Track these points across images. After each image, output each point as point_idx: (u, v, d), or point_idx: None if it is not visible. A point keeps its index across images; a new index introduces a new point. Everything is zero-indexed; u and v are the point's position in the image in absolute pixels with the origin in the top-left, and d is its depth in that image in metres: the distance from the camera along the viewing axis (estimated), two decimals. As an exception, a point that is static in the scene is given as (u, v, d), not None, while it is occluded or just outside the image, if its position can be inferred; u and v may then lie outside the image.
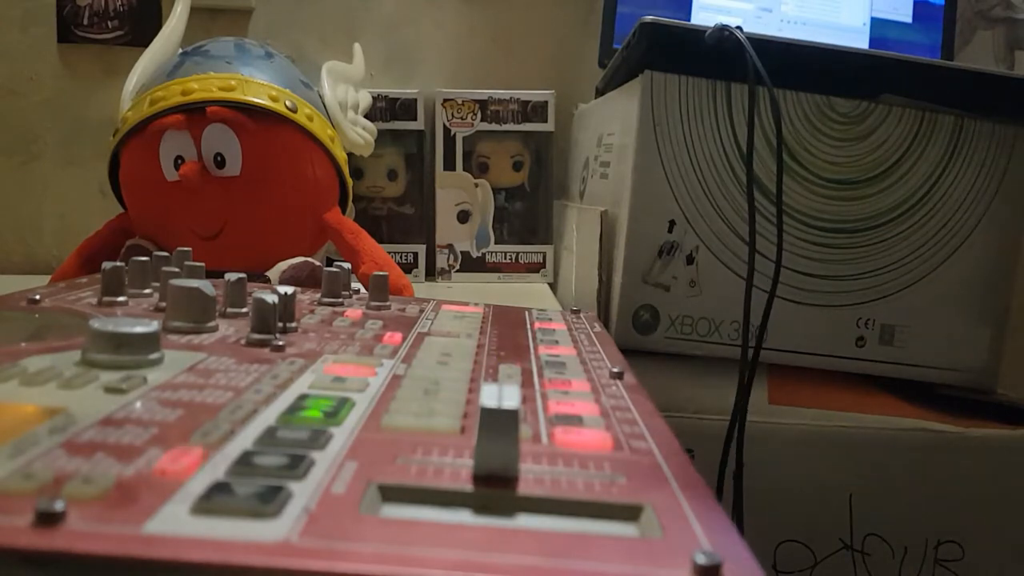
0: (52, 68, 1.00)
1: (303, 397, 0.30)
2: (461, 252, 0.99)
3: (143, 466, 0.23)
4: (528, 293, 0.92)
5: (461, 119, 0.98)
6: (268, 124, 0.71)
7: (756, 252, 0.65)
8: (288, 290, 0.42)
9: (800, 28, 0.95)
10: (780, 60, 0.62)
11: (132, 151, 0.73)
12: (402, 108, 0.98)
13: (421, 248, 0.98)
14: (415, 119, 0.98)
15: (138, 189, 0.74)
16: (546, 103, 0.98)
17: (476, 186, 0.98)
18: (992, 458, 0.65)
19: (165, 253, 0.54)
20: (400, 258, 0.96)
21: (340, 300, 0.51)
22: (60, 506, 0.19)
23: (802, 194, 0.69)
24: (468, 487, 0.23)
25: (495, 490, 0.23)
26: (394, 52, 1.03)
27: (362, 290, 0.61)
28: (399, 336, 0.43)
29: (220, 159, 0.70)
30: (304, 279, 0.67)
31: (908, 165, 0.70)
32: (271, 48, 0.79)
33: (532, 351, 0.42)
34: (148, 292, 0.49)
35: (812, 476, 0.68)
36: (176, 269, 0.48)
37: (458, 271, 0.98)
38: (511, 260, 0.99)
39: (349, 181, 0.80)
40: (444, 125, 0.98)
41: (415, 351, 0.40)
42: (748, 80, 0.61)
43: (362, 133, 0.85)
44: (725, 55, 0.62)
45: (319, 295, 0.52)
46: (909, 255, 0.70)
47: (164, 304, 0.43)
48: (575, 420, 0.30)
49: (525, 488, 0.23)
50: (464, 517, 0.22)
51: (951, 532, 0.67)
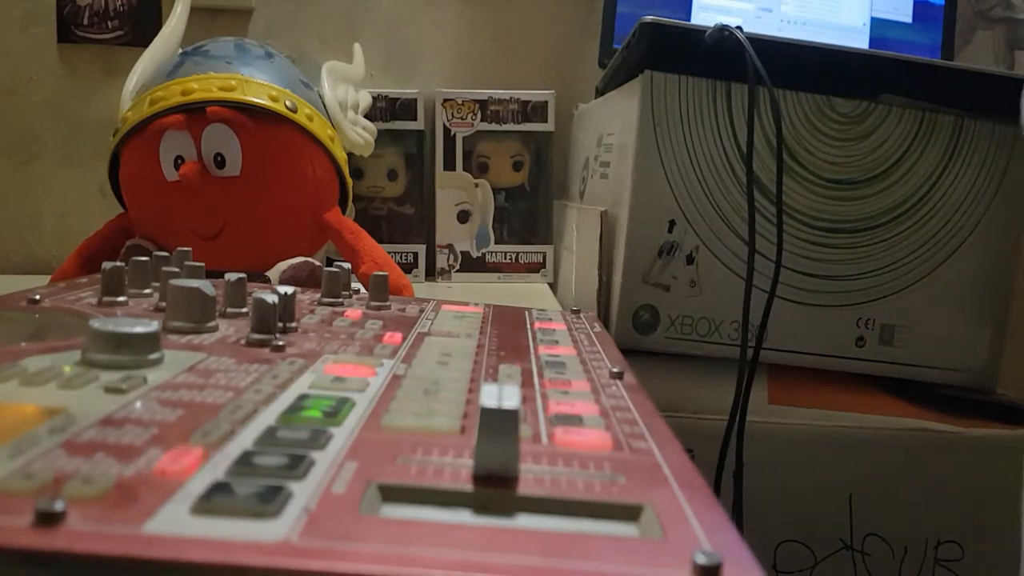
0: (52, 68, 1.00)
1: (303, 397, 0.30)
2: (461, 252, 0.99)
3: (143, 466, 0.23)
4: (528, 293, 0.92)
5: (461, 119, 0.98)
6: (268, 124, 0.71)
7: (758, 253, 0.65)
8: (288, 290, 0.42)
9: (800, 28, 0.95)
10: (780, 60, 0.62)
11: (132, 151, 0.73)
12: (402, 108, 0.98)
13: (421, 248, 0.98)
14: (415, 119, 0.98)
15: (138, 189, 0.74)
16: (546, 103, 0.98)
17: (476, 186, 0.98)
18: (992, 458, 0.65)
19: (165, 253, 0.54)
20: (400, 258, 0.96)
21: (340, 300, 0.51)
22: (60, 506, 0.19)
23: (802, 194, 0.69)
24: (468, 487, 0.23)
25: (495, 490, 0.23)
26: (394, 52, 1.03)
27: (362, 290, 0.61)
28: (399, 336, 0.43)
29: (220, 159, 0.70)
30: (304, 279, 0.67)
31: (908, 165, 0.70)
32: (271, 48, 0.79)
33: (532, 351, 0.42)
34: (148, 292, 0.49)
35: (812, 476, 0.68)
36: (176, 269, 0.48)
37: (458, 271, 0.98)
38: (511, 260, 0.99)
39: (349, 181, 0.80)
40: (444, 125, 0.98)
41: (415, 351, 0.40)
42: (748, 80, 0.61)
43: (362, 133, 0.85)
44: (725, 55, 0.62)
45: (319, 295, 0.52)
46: (909, 255, 0.70)
47: (164, 304, 0.43)
48: (575, 420, 0.30)
49: (525, 488, 0.23)
50: (464, 517, 0.22)
51: (951, 532, 0.67)
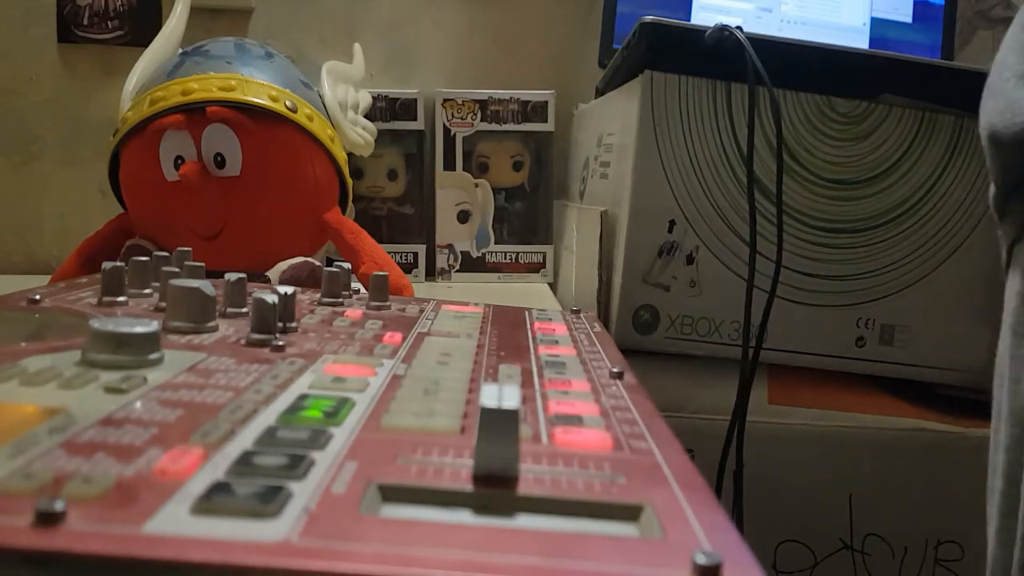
0: (52, 68, 1.00)
1: (303, 397, 0.30)
2: (461, 252, 0.99)
3: (143, 466, 0.23)
4: (528, 293, 0.92)
5: (461, 119, 0.98)
6: (268, 124, 0.71)
7: (758, 253, 0.65)
8: (288, 290, 0.42)
9: (800, 28, 0.95)
10: (780, 60, 0.62)
11: (132, 151, 0.73)
12: (402, 108, 0.98)
13: (421, 248, 0.98)
14: (415, 119, 0.98)
15: (138, 189, 0.74)
16: (546, 103, 0.98)
17: (476, 186, 0.98)
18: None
19: (165, 253, 0.54)
20: (400, 258, 0.96)
21: (340, 300, 0.51)
22: (60, 506, 0.19)
23: (802, 194, 0.69)
24: (468, 487, 0.23)
25: (495, 490, 0.23)
26: (394, 52, 1.03)
27: (362, 290, 0.61)
28: (399, 336, 0.43)
29: (220, 159, 0.70)
30: (304, 279, 0.67)
31: (908, 165, 0.70)
32: (271, 48, 0.79)
33: (532, 351, 0.42)
34: (148, 292, 0.49)
35: (812, 476, 0.68)
36: (176, 269, 0.48)
37: (458, 271, 0.98)
38: (511, 260, 0.99)
39: (349, 181, 0.80)
40: (444, 125, 0.98)
41: (415, 351, 0.40)
42: (748, 80, 0.61)
43: (362, 133, 0.85)
44: (725, 55, 0.62)
45: (319, 295, 0.52)
46: (909, 255, 0.70)
47: (164, 304, 0.43)
48: (575, 420, 0.30)
49: (525, 488, 0.23)
50: (464, 517, 0.22)
51: (951, 532, 0.67)
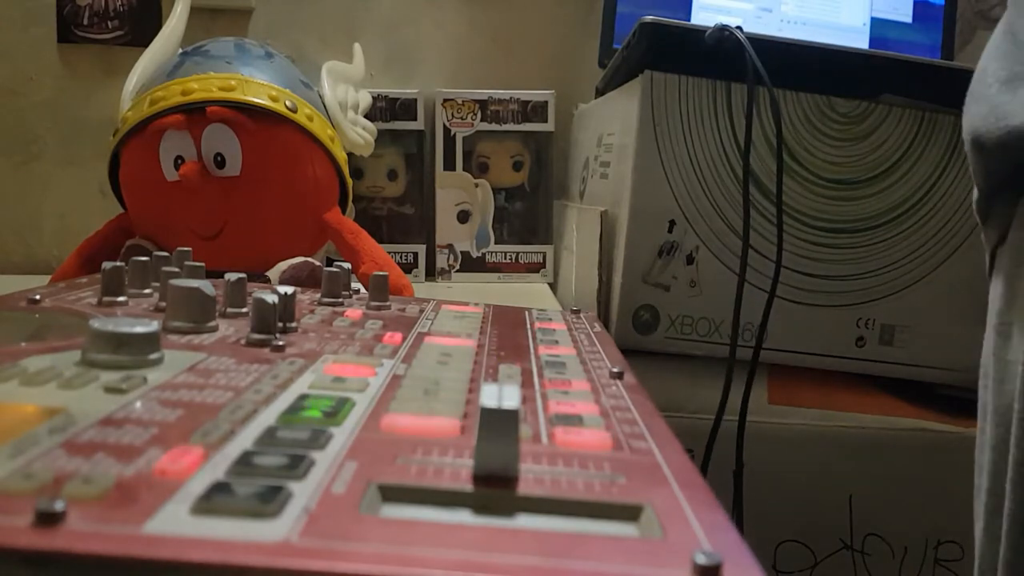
0: (52, 68, 1.00)
1: (303, 397, 0.30)
2: (461, 252, 0.99)
3: (143, 466, 0.23)
4: (528, 293, 0.92)
5: (461, 119, 0.98)
6: (268, 124, 0.71)
7: (757, 253, 0.65)
8: (288, 290, 0.42)
9: (800, 28, 0.95)
10: (780, 60, 0.62)
11: (132, 151, 0.73)
12: (402, 108, 0.98)
13: (421, 248, 0.98)
14: (415, 119, 0.98)
15: (138, 189, 0.74)
16: (546, 103, 0.98)
17: (476, 186, 0.98)
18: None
19: (165, 253, 0.54)
20: (400, 258, 0.96)
21: (340, 300, 0.51)
22: (60, 506, 0.19)
23: (802, 194, 0.69)
24: (468, 487, 0.23)
25: (495, 490, 0.23)
26: (394, 52, 1.03)
27: (362, 290, 0.61)
28: (399, 336, 0.43)
29: (220, 159, 0.70)
30: (304, 279, 0.67)
31: (908, 165, 0.70)
32: (271, 48, 0.79)
33: (532, 351, 0.42)
34: (148, 292, 0.49)
35: (812, 476, 0.68)
36: (176, 269, 0.48)
37: (458, 271, 0.98)
38: (511, 260, 0.99)
39: (349, 181, 0.80)
40: (444, 125, 0.98)
41: (415, 351, 0.40)
42: (748, 80, 0.61)
43: (362, 133, 0.85)
44: (725, 55, 0.62)
45: (319, 295, 0.52)
46: (909, 255, 0.70)
47: (164, 304, 0.43)
48: (575, 420, 0.30)
49: (525, 488, 0.23)
50: (464, 517, 0.22)
51: (951, 532, 0.67)
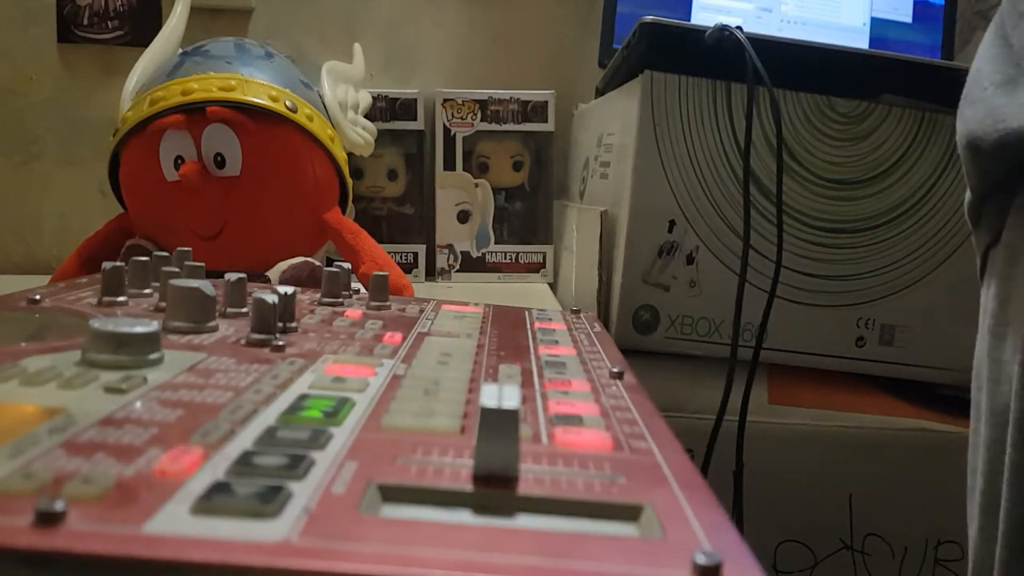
0: (52, 68, 1.00)
1: (303, 397, 0.30)
2: (461, 252, 0.99)
3: (143, 466, 0.23)
4: (528, 293, 0.92)
5: (461, 119, 0.98)
6: (268, 124, 0.71)
7: (758, 253, 0.65)
8: (288, 290, 0.42)
9: (800, 28, 0.95)
10: (780, 60, 0.62)
11: (132, 151, 0.73)
12: (402, 108, 0.98)
13: (421, 248, 0.98)
14: (415, 119, 0.98)
15: (138, 189, 0.74)
16: (546, 103, 0.98)
17: (476, 186, 0.98)
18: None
19: (165, 253, 0.54)
20: (400, 258, 0.96)
21: (340, 300, 0.51)
22: (60, 506, 0.19)
23: (802, 194, 0.69)
24: (468, 487, 0.23)
25: (495, 490, 0.23)
26: (394, 52, 1.03)
27: (362, 290, 0.61)
28: (399, 336, 0.43)
29: (220, 159, 0.70)
30: (304, 279, 0.67)
31: (908, 165, 0.70)
32: (271, 48, 0.79)
33: (532, 351, 0.42)
34: (148, 292, 0.49)
35: (812, 476, 0.68)
36: (176, 269, 0.48)
37: (458, 271, 0.98)
38: (511, 260, 0.99)
39: (349, 181, 0.80)
40: (444, 125, 0.98)
41: (415, 351, 0.40)
42: (748, 80, 0.61)
43: (362, 133, 0.85)
44: (725, 55, 0.62)
45: (319, 295, 0.52)
46: (909, 255, 0.70)
47: (164, 304, 0.43)
48: (575, 420, 0.30)
49: (525, 488, 0.23)
50: (464, 517, 0.22)
51: (951, 532, 0.67)
